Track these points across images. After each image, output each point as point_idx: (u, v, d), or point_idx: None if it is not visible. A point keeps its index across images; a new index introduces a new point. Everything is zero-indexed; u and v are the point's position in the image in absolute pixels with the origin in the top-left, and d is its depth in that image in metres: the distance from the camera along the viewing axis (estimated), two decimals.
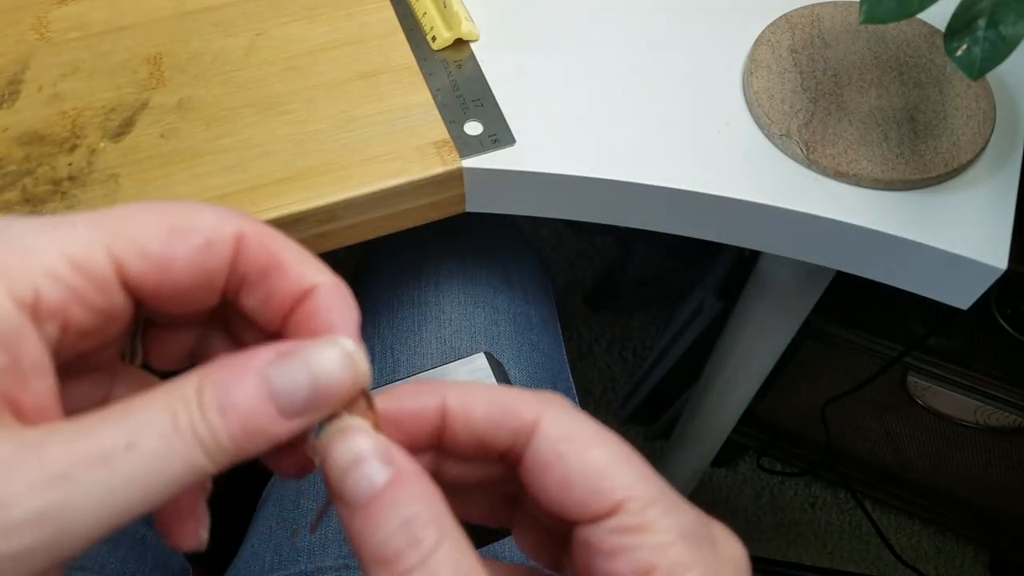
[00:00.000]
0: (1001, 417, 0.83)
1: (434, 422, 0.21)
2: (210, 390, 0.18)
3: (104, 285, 0.19)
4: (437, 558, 0.18)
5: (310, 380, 0.18)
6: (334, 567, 0.44)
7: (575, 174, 0.43)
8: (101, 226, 0.19)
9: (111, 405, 0.18)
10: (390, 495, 0.19)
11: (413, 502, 0.18)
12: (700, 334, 0.91)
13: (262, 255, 0.21)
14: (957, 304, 0.45)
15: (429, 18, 0.48)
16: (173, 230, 0.20)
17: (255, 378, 0.18)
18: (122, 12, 0.48)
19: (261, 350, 0.19)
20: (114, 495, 0.17)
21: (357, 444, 0.19)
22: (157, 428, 0.17)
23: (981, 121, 0.45)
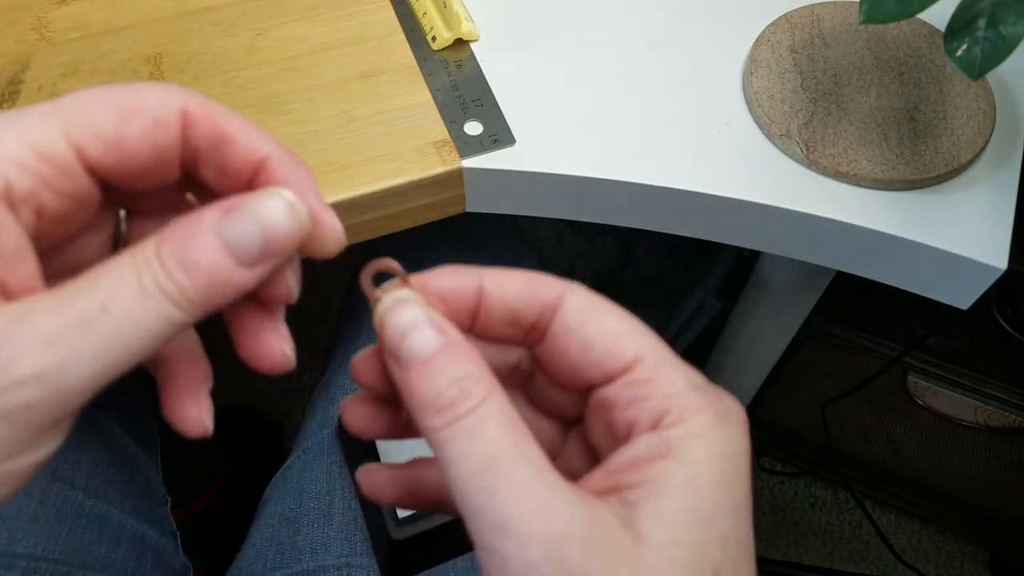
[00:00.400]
0: (1001, 417, 0.83)
1: (472, 300, 0.25)
2: (168, 250, 0.19)
3: (68, 169, 0.20)
4: (486, 407, 0.20)
5: (259, 229, 0.20)
6: (336, 566, 0.44)
7: (575, 174, 0.43)
8: (58, 114, 0.20)
9: (84, 274, 0.19)
10: (444, 355, 0.21)
11: (464, 362, 0.21)
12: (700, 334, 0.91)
13: (209, 128, 0.22)
14: (957, 304, 0.45)
15: (429, 18, 0.48)
16: (123, 111, 0.21)
17: (209, 234, 0.20)
18: (122, 12, 0.48)
19: (209, 208, 0.20)
20: (100, 352, 0.19)
21: (412, 311, 0.22)
22: (125, 290, 0.19)
23: (981, 121, 0.45)
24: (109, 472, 0.49)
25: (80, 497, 0.47)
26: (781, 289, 0.63)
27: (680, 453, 0.21)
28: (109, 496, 0.48)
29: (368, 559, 0.44)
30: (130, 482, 0.50)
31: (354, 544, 0.44)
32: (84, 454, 0.48)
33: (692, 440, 0.21)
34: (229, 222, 0.20)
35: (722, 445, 0.21)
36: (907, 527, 1.09)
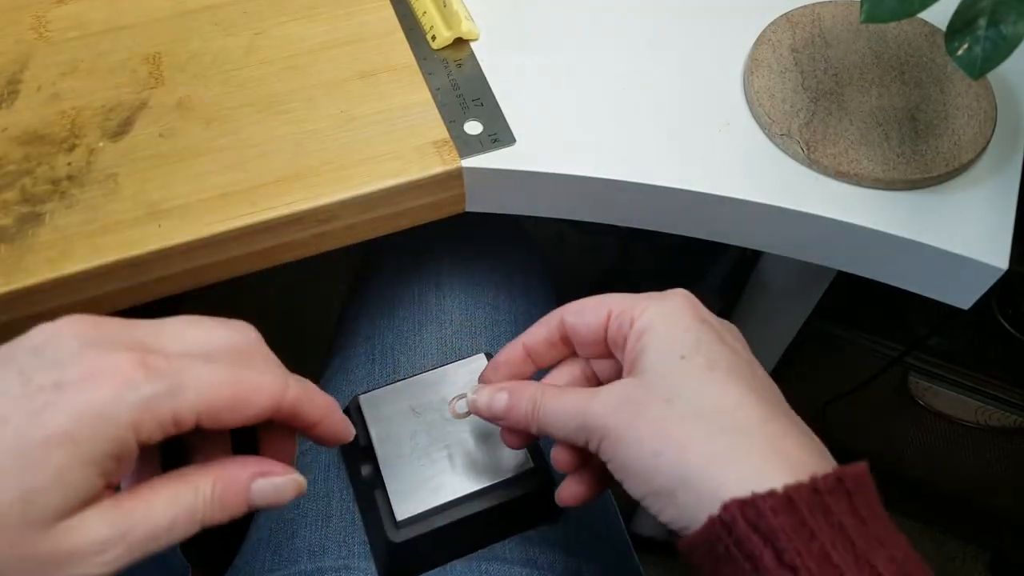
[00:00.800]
0: (1002, 417, 0.83)
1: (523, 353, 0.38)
2: (218, 488, 0.29)
3: (185, 428, 0.28)
4: (543, 397, 0.34)
5: (275, 495, 0.30)
6: (334, 568, 0.44)
7: (575, 174, 0.43)
8: (192, 400, 0.27)
9: (165, 483, 0.28)
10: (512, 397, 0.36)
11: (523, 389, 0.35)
12: None
13: (288, 415, 0.31)
14: (958, 304, 0.45)
15: (429, 17, 0.48)
16: (237, 402, 0.28)
17: (245, 488, 0.29)
18: (121, 11, 0.48)
19: (251, 464, 0.30)
20: (150, 549, 0.27)
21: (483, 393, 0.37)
22: (186, 515, 0.28)
23: (982, 121, 0.45)
24: None
25: None
26: (782, 289, 0.63)
27: (644, 328, 0.33)
28: None
29: (366, 562, 0.44)
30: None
31: (352, 546, 0.44)
32: None
33: (648, 316, 0.33)
34: (260, 485, 0.30)
35: (664, 308, 0.33)
36: (907, 527, 1.09)
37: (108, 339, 0.28)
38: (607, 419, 0.31)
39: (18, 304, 0.39)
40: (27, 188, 0.41)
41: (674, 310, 0.33)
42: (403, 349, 0.51)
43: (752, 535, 0.26)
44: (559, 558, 0.45)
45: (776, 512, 0.26)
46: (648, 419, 0.30)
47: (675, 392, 0.31)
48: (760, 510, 0.26)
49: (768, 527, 0.26)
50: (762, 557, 0.26)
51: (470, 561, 0.44)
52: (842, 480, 0.28)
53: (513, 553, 0.44)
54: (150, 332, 0.30)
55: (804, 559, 0.26)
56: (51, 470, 0.25)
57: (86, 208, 0.40)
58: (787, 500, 0.27)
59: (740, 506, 0.27)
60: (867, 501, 0.28)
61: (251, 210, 0.41)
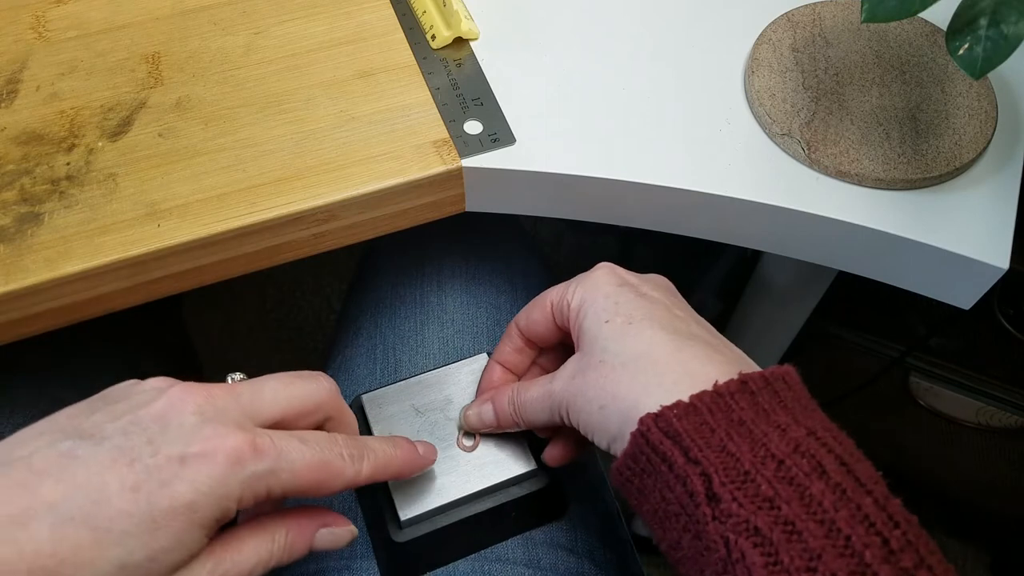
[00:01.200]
0: (1003, 418, 0.83)
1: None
2: (289, 536, 0.34)
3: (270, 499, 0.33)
4: (518, 391, 0.40)
5: (332, 541, 0.36)
6: (336, 567, 0.44)
7: (575, 174, 0.43)
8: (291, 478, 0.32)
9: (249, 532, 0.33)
10: (495, 401, 0.41)
11: (503, 394, 0.41)
12: None
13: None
14: (959, 304, 0.45)
15: (428, 17, 0.48)
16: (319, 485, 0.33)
17: (309, 535, 0.35)
18: (120, 11, 0.48)
19: (316, 516, 0.36)
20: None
21: (472, 411, 0.42)
22: (265, 553, 0.33)
23: (983, 120, 0.45)
24: None
25: None
26: (782, 289, 0.63)
27: (577, 306, 0.38)
28: None
29: (368, 562, 0.44)
30: None
31: (354, 546, 0.44)
32: None
33: (578, 296, 0.38)
34: (322, 534, 0.35)
35: (588, 284, 0.38)
36: None
37: (221, 414, 0.32)
38: (564, 393, 0.36)
39: (18, 304, 0.39)
40: (26, 188, 0.41)
41: (596, 283, 0.38)
42: (405, 349, 0.51)
43: (664, 439, 0.31)
44: (562, 558, 0.45)
45: (680, 417, 0.31)
46: (590, 381, 0.35)
47: (604, 351, 0.35)
48: (667, 418, 0.31)
49: (674, 431, 0.31)
50: (673, 456, 0.31)
51: (473, 561, 0.44)
52: (746, 383, 0.32)
53: (516, 553, 0.44)
54: (253, 398, 0.33)
55: (704, 452, 0.30)
56: (174, 534, 0.29)
57: (85, 208, 0.40)
58: (690, 407, 0.31)
59: (653, 418, 0.32)
60: (775, 396, 0.32)
61: (250, 210, 0.41)
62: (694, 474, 0.30)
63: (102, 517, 0.28)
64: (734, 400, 0.32)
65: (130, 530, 0.28)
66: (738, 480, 0.29)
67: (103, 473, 0.29)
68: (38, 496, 0.28)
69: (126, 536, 0.28)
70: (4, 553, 0.27)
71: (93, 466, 0.29)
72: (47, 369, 0.50)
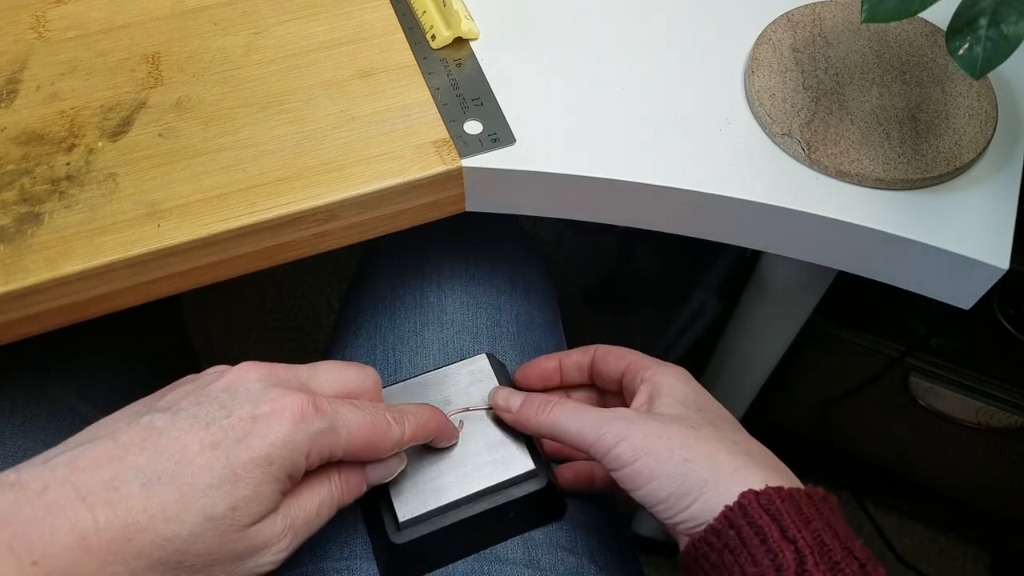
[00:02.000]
0: (1003, 418, 0.83)
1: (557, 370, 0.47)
2: (342, 476, 0.37)
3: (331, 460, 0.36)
4: (556, 408, 0.41)
5: (385, 470, 0.39)
6: (335, 568, 0.44)
7: (575, 174, 0.43)
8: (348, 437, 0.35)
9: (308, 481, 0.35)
10: (527, 398, 0.42)
11: (536, 398, 0.42)
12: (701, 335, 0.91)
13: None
14: (959, 304, 0.45)
15: (428, 16, 0.48)
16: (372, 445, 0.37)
17: (361, 474, 0.38)
18: (120, 11, 0.48)
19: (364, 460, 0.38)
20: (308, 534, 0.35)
21: (502, 392, 0.44)
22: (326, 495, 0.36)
23: (983, 120, 0.45)
24: None
25: None
26: (782, 289, 0.63)
27: (656, 384, 0.41)
28: None
29: (367, 562, 0.44)
30: None
31: (353, 547, 0.44)
32: None
33: (658, 377, 0.41)
34: (374, 468, 0.38)
35: (672, 372, 0.41)
36: (909, 528, 1.09)
37: (283, 381, 0.35)
38: (632, 428, 0.37)
39: (18, 304, 0.39)
40: (26, 188, 0.41)
41: (682, 376, 0.41)
42: (405, 349, 0.51)
43: (764, 514, 0.33)
44: (561, 558, 0.45)
45: (783, 499, 0.33)
46: (676, 433, 0.37)
47: (698, 424, 0.38)
48: (771, 497, 0.33)
49: (776, 509, 0.33)
50: (770, 530, 0.33)
51: (472, 562, 0.44)
52: (827, 498, 0.35)
53: (515, 554, 0.44)
54: (309, 374, 0.37)
55: (802, 533, 0.33)
56: (253, 485, 0.32)
57: (85, 208, 0.40)
58: (790, 494, 0.34)
59: (755, 495, 0.34)
60: (843, 519, 0.35)
61: (250, 210, 0.41)
62: (788, 550, 0.32)
63: (186, 474, 0.31)
64: (821, 504, 0.34)
65: (213, 483, 0.31)
66: (828, 566, 0.32)
67: (182, 437, 0.32)
68: (126, 463, 0.31)
69: (209, 489, 0.31)
70: (102, 515, 0.29)
71: (173, 432, 0.32)
72: (47, 369, 0.50)
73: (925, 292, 0.45)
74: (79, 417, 0.49)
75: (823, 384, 0.90)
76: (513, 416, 0.42)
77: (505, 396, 0.43)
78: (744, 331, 0.69)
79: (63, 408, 0.49)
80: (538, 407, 0.41)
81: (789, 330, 0.67)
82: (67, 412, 0.49)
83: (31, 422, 0.47)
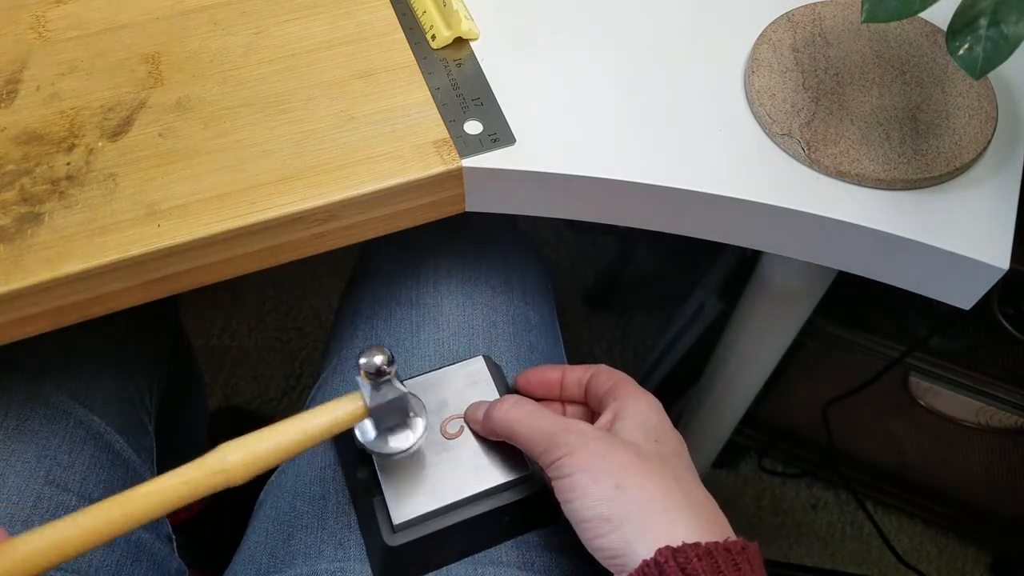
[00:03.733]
0: (1003, 418, 0.83)
1: (558, 384, 0.46)
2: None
3: None
4: (513, 408, 0.41)
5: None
6: (329, 570, 0.44)
7: (575, 174, 0.43)
8: None
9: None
10: (490, 406, 0.42)
11: (499, 401, 0.42)
12: (701, 335, 0.91)
13: None
14: (959, 304, 0.44)
15: (428, 17, 0.48)
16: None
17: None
18: (120, 11, 0.48)
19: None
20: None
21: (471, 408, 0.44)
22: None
23: (983, 121, 0.45)
24: (103, 477, 0.49)
25: (74, 501, 0.46)
26: (782, 289, 0.63)
27: (622, 404, 0.41)
28: None
29: (362, 564, 0.44)
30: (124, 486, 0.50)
31: (348, 549, 0.44)
32: (78, 458, 0.48)
33: (626, 398, 0.41)
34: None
35: (641, 399, 0.41)
36: (909, 528, 1.09)
37: None
38: (580, 442, 0.37)
39: (18, 304, 0.39)
40: (26, 188, 0.41)
41: (650, 403, 0.41)
42: (400, 350, 0.51)
43: (679, 573, 0.33)
44: (555, 560, 0.45)
45: (699, 558, 0.33)
46: (619, 459, 0.37)
47: (647, 455, 0.37)
48: (687, 556, 0.33)
49: (692, 568, 0.33)
50: None
51: (466, 564, 0.44)
52: (745, 548, 0.35)
53: (509, 556, 0.44)
54: None
55: None
56: None
57: (85, 208, 0.40)
58: (707, 551, 0.34)
59: (672, 552, 0.33)
60: (760, 569, 0.35)
61: (250, 210, 0.41)
62: None
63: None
64: (740, 558, 0.34)
65: None
66: None
67: None
68: None
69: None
70: None
71: None
72: (42, 372, 0.50)
73: (925, 292, 0.45)
74: (74, 421, 0.49)
75: (823, 384, 0.90)
76: (480, 426, 0.43)
77: (474, 410, 0.44)
78: (744, 331, 0.69)
79: (57, 412, 0.49)
80: (497, 407, 0.41)
81: (789, 330, 0.67)
82: (62, 416, 0.48)
83: (25, 425, 0.47)
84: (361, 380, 0.36)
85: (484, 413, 0.42)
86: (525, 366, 0.51)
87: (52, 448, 0.47)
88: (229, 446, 0.34)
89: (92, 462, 0.48)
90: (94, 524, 0.33)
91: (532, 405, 0.41)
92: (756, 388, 0.75)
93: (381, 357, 0.35)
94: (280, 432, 0.36)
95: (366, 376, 0.36)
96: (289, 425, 0.36)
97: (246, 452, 0.34)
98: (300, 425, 0.36)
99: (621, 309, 1.22)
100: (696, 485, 0.38)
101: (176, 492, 0.33)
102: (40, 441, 0.47)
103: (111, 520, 0.33)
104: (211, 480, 0.34)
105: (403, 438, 0.40)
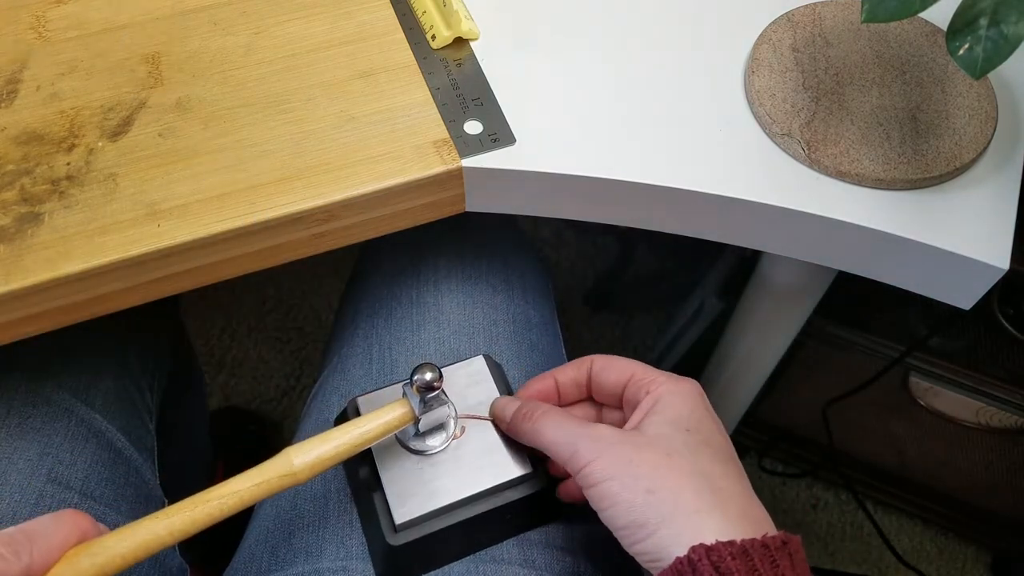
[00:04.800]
0: (1003, 418, 0.83)
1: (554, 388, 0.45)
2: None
3: None
4: (540, 417, 0.40)
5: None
6: (331, 569, 0.44)
7: (575, 174, 0.43)
8: None
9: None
10: (521, 406, 0.42)
11: (527, 405, 0.42)
12: (701, 335, 0.91)
13: None
14: (959, 304, 0.45)
15: (428, 16, 0.48)
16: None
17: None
18: (120, 11, 0.48)
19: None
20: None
21: (500, 402, 0.44)
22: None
23: (983, 121, 0.45)
24: (105, 474, 0.49)
25: (76, 499, 0.46)
26: (782, 289, 0.63)
27: (658, 398, 0.39)
28: (105, 498, 0.48)
29: (363, 563, 0.44)
30: (126, 484, 0.50)
31: (349, 548, 0.44)
32: (79, 456, 0.48)
33: (663, 390, 0.40)
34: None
35: (677, 388, 0.40)
36: (909, 528, 1.09)
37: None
38: (606, 448, 0.37)
39: (18, 304, 0.39)
40: (26, 188, 0.41)
41: (685, 392, 0.40)
42: (401, 350, 0.51)
43: (713, 572, 0.32)
44: (557, 558, 0.45)
45: (734, 557, 0.33)
46: (647, 461, 0.36)
47: (675, 451, 0.37)
48: (721, 554, 0.33)
49: (726, 567, 0.32)
50: None
51: (468, 562, 0.44)
52: (786, 543, 0.34)
53: (511, 554, 0.44)
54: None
55: None
56: None
57: (85, 208, 0.40)
58: (743, 549, 0.33)
59: (706, 550, 0.33)
60: (802, 563, 0.35)
61: (250, 210, 0.41)
62: None
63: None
64: (778, 555, 0.34)
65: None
66: None
67: None
68: None
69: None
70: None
71: None
72: (43, 370, 0.50)
73: (925, 292, 0.45)
74: (76, 419, 0.49)
75: (823, 384, 0.90)
76: (507, 427, 0.43)
77: (502, 405, 0.43)
78: (744, 331, 0.69)
79: (59, 410, 0.49)
80: (525, 414, 0.41)
81: (789, 330, 0.67)
82: (63, 414, 0.49)
83: (27, 423, 0.47)
84: (411, 392, 0.40)
85: (511, 417, 0.42)
86: (526, 365, 0.51)
87: (54, 446, 0.47)
88: (293, 450, 0.37)
89: (94, 460, 0.48)
90: (181, 524, 0.34)
91: (558, 413, 0.40)
92: (756, 388, 0.75)
93: (431, 374, 0.39)
94: (340, 435, 0.38)
95: (417, 390, 0.40)
96: (347, 429, 0.39)
97: (311, 455, 0.37)
98: (357, 430, 0.39)
99: (621, 309, 1.22)
100: (727, 477, 0.37)
101: (251, 494, 0.36)
102: (42, 439, 0.47)
103: (194, 520, 0.35)
104: (281, 482, 0.36)
105: (438, 438, 0.43)
